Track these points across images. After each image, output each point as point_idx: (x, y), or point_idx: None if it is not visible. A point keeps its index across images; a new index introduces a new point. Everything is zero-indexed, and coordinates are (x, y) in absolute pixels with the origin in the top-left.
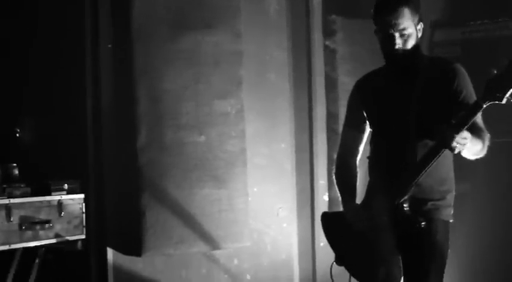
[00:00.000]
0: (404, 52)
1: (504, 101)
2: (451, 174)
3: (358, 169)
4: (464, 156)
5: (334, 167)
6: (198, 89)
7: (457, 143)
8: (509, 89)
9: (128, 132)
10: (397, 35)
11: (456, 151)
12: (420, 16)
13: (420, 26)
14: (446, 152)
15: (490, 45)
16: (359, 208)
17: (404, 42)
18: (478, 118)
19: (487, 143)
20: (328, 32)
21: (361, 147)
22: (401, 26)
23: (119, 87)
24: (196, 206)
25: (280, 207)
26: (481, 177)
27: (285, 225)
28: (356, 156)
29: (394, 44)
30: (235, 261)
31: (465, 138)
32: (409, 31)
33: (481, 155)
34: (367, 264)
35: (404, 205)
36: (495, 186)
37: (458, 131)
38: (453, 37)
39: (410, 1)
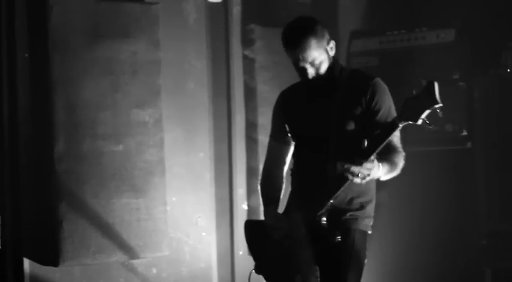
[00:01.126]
0: (319, 77)
1: (419, 122)
2: (372, 185)
3: (284, 180)
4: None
5: (259, 178)
6: (115, 98)
7: (361, 173)
8: (425, 110)
9: (45, 141)
10: (308, 66)
11: (363, 181)
12: (328, 36)
13: (332, 44)
14: None
15: (406, 55)
16: (279, 216)
17: (317, 70)
18: (396, 136)
19: (401, 164)
20: (247, 41)
21: (288, 158)
22: (311, 59)
23: (36, 96)
24: (115, 215)
25: (199, 216)
26: (397, 185)
27: (204, 234)
28: (282, 167)
29: (307, 74)
30: (154, 271)
31: (369, 170)
32: (320, 59)
33: (394, 175)
34: (284, 272)
35: (322, 218)
36: (410, 194)
37: (362, 161)
38: (371, 47)
39: (315, 29)
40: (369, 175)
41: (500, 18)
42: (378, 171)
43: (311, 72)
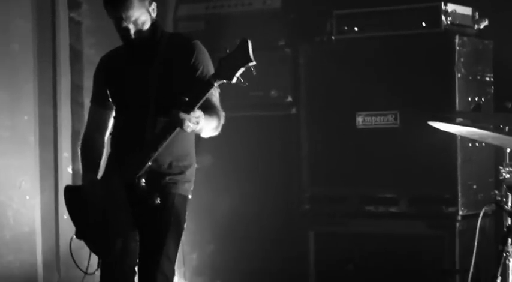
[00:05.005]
0: (141, 38)
1: (234, 80)
2: (192, 150)
3: (105, 145)
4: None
5: (80, 142)
6: None
7: (190, 122)
8: (239, 68)
9: None
10: (131, 26)
11: (189, 130)
12: None
13: (154, 6)
14: None
15: (232, 21)
16: (97, 181)
17: (140, 31)
18: (214, 96)
19: (222, 121)
20: (73, 4)
21: (109, 123)
22: (133, 18)
23: None
24: None
25: (22, 180)
26: (221, 150)
27: (28, 197)
28: (103, 132)
29: (130, 35)
30: None
31: (197, 117)
32: (143, 19)
33: (216, 133)
34: (104, 238)
35: (141, 180)
36: (234, 159)
37: (189, 110)
38: (197, 12)
39: None
40: (197, 123)
41: None
42: (204, 120)
43: (133, 32)
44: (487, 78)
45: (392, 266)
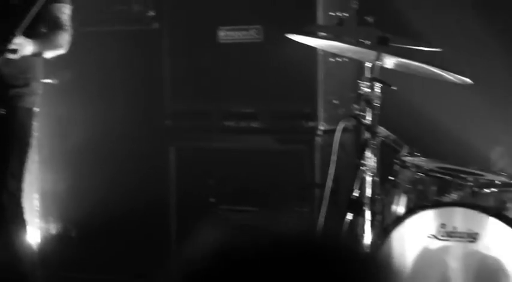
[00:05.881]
0: None
1: None
2: (38, 62)
3: None
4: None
5: None
6: None
7: (10, 50)
8: None
9: None
10: None
11: (12, 56)
12: None
13: None
14: None
15: None
16: None
17: None
18: (64, 14)
19: (63, 42)
20: None
21: None
22: None
23: None
24: None
25: None
26: (82, 65)
27: None
28: None
29: None
30: None
31: (18, 46)
32: None
33: (60, 52)
34: None
35: None
36: (94, 74)
37: (8, 40)
38: None
39: None
40: (16, 51)
41: None
42: (29, 47)
43: None
44: None
45: (252, 181)
